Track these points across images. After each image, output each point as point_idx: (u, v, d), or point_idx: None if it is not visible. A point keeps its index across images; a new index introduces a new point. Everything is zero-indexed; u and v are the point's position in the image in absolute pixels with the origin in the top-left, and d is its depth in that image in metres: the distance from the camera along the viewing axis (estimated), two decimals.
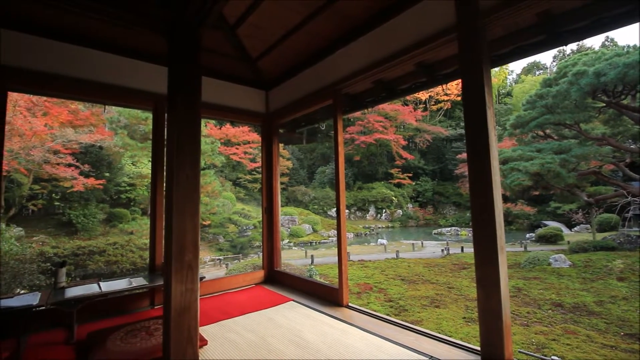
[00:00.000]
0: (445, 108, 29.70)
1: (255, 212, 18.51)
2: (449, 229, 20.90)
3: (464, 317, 6.13)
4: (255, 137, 20.51)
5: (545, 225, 17.58)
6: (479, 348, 2.11)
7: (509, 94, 33.50)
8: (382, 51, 2.97)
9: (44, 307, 2.52)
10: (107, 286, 2.82)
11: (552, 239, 14.49)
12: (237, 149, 20.17)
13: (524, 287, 7.69)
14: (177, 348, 1.92)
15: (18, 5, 2.77)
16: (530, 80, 32.69)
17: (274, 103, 4.52)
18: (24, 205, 11.72)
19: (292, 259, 11.86)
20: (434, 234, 20.35)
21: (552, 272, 8.71)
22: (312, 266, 9.20)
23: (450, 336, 3.01)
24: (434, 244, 15.98)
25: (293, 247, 16.26)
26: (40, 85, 3.06)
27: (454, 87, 27.48)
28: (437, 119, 29.78)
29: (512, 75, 43.63)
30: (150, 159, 15.12)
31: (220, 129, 20.13)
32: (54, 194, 11.89)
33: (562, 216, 18.71)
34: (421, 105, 29.15)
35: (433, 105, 29.61)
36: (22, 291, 5.34)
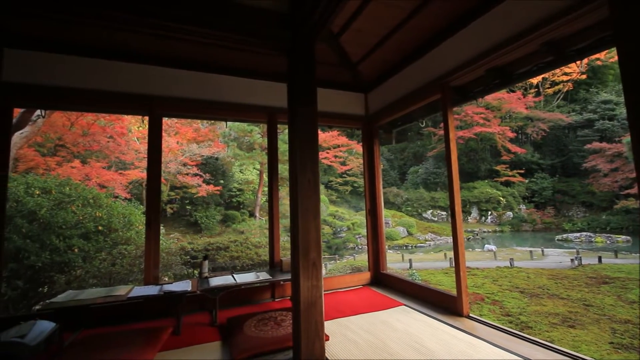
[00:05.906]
0: (565, 90, 24.85)
1: (347, 214, 18.80)
2: (578, 234, 17.34)
3: (611, 342, 4.99)
4: (344, 140, 20.87)
5: None
6: None
7: None
8: (499, 34, 2.68)
9: (195, 293, 3.02)
10: (240, 278, 3.23)
11: None
12: (327, 153, 20.84)
13: None
14: (307, 340, 2.06)
15: (167, 44, 3.41)
16: None
17: (373, 105, 4.51)
18: (163, 209, 14.44)
19: (388, 262, 11.60)
20: (558, 240, 17.18)
21: None
22: (413, 270, 8.82)
23: None
24: (559, 252, 13.51)
25: (388, 250, 15.92)
26: (182, 109, 3.69)
27: (575, 65, 22.89)
28: (554, 104, 25.14)
29: None
30: (260, 167, 16.70)
31: None
32: (185, 199, 14.34)
33: None
34: (532, 90, 24.98)
35: (548, 88, 24.99)
36: (166, 279, 6.53)
